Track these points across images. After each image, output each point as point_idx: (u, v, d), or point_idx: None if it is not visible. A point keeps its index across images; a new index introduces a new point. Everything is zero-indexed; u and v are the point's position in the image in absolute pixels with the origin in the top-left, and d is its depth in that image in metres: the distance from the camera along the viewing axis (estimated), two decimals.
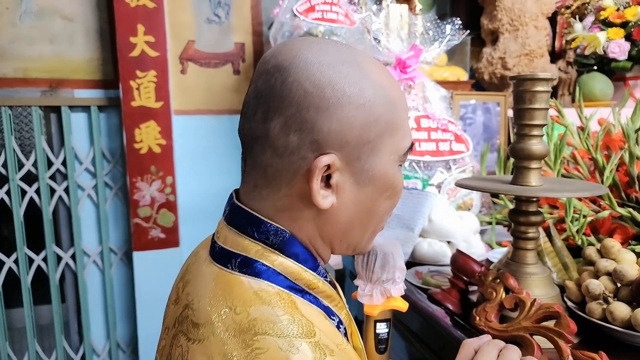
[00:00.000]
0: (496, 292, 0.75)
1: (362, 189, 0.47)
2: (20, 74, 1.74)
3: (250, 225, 0.48)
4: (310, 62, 0.44)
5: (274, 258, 0.46)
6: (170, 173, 1.80)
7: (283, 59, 0.45)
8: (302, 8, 1.49)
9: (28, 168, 1.77)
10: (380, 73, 0.47)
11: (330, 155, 0.44)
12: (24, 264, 1.78)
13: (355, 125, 0.44)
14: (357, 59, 0.46)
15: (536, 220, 0.77)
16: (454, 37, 1.30)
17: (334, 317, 0.49)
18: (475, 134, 1.55)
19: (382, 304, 0.64)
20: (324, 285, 0.49)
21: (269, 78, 0.45)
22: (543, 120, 0.74)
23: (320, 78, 0.43)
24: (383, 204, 0.50)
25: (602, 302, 0.72)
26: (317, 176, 0.44)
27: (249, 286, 0.44)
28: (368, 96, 0.45)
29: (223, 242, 0.49)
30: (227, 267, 0.47)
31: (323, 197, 0.45)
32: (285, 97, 0.44)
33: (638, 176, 1.00)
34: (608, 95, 1.73)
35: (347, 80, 0.44)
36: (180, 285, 0.53)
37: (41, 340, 1.94)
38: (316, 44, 0.47)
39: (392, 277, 0.63)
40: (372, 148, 0.46)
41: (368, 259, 0.63)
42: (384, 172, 0.48)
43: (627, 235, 0.95)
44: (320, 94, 0.43)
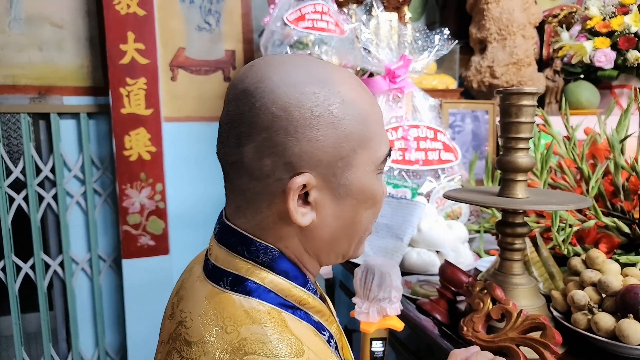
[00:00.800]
0: (483, 302, 0.75)
1: (341, 202, 0.48)
2: (9, 80, 1.72)
3: (240, 244, 0.48)
4: (276, 84, 0.44)
5: (264, 275, 0.47)
6: (160, 180, 1.79)
7: (250, 83, 0.46)
8: (292, 17, 1.50)
9: (16, 175, 1.76)
10: (349, 88, 0.47)
11: (304, 175, 0.44)
12: (11, 272, 1.76)
13: (326, 143, 0.44)
14: (325, 76, 0.46)
15: (522, 232, 0.78)
16: (442, 47, 1.32)
17: (325, 332, 0.50)
18: (464, 142, 1.56)
19: (378, 322, 0.65)
20: (314, 300, 0.50)
21: (238, 103, 0.46)
22: (529, 133, 0.76)
23: (287, 100, 0.43)
24: (365, 214, 0.51)
25: (587, 312, 0.73)
26: (293, 196, 0.45)
27: (239, 305, 0.45)
28: (337, 114, 0.45)
29: (215, 260, 0.50)
30: (220, 285, 0.47)
31: (302, 214, 0.46)
32: (255, 123, 0.44)
33: (623, 186, 1.02)
34: (594, 103, 1.76)
35: (314, 100, 0.44)
36: (175, 301, 0.53)
37: (29, 348, 1.92)
38: (281, 65, 0.46)
39: (388, 296, 0.65)
40: (346, 163, 0.46)
41: (366, 278, 0.65)
42: (361, 184, 0.48)
43: (613, 245, 0.96)
44: (288, 116, 0.43)
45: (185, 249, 1.95)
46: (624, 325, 0.67)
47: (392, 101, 1.31)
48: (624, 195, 1.01)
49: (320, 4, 1.53)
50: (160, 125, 1.76)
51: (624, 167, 1.01)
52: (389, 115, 1.31)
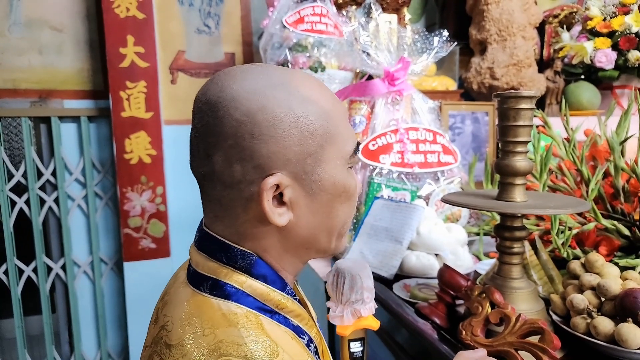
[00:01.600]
0: (482, 306, 0.75)
1: (315, 199, 0.49)
2: (9, 84, 1.73)
3: (219, 250, 0.50)
4: (237, 92, 0.46)
5: (242, 280, 0.48)
6: (161, 183, 1.79)
7: (211, 94, 0.47)
8: (291, 19, 1.50)
9: (18, 179, 1.76)
10: (308, 87, 0.48)
11: (275, 175, 0.46)
12: (13, 275, 1.77)
13: (292, 142, 0.46)
14: (284, 79, 0.48)
15: (521, 236, 0.78)
16: (442, 49, 1.31)
17: (304, 336, 0.51)
18: (464, 144, 1.56)
19: (353, 324, 0.66)
20: (292, 304, 0.51)
21: (203, 116, 0.47)
22: (527, 137, 0.75)
23: (249, 105, 0.45)
24: (341, 208, 0.52)
25: (586, 316, 0.73)
26: (267, 197, 0.46)
27: (218, 308, 0.46)
28: (299, 112, 0.46)
29: (195, 266, 0.51)
30: (200, 290, 0.49)
31: (279, 215, 0.47)
32: (220, 132, 0.45)
33: (623, 188, 1.01)
34: (595, 104, 1.75)
35: (275, 102, 0.45)
36: (160, 306, 0.55)
37: (32, 350, 1.93)
38: (240, 74, 0.48)
39: (360, 297, 0.65)
40: (315, 159, 0.47)
41: (337, 281, 0.66)
42: (333, 179, 0.49)
43: (613, 247, 0.96)
44: (252, 120, 0.45)
45: (186, 252, 1.93)
46: (623, 330, 0.66)
47: (390, 104, 1.31)
48: (624, 198, 1.01)
49: (319, 6, 1.53)
50: (160, 129, 1.77)
51: (624, 169, 1.01)
52: (387, 118, 1.30)
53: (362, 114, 1.33)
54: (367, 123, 1.32)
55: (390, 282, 1.01)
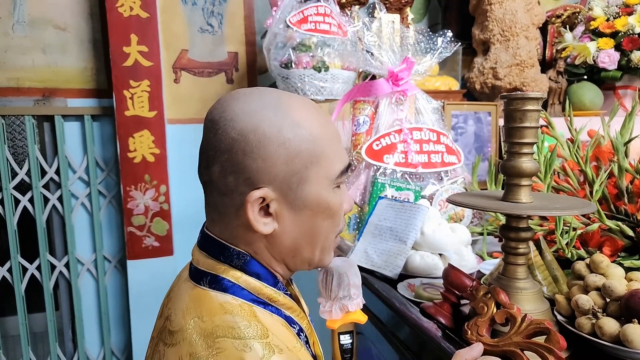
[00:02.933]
0: (487, 306, 0.76)
1: (299, 213, 0.54)
2: (13, 83, 1.73)
3: (217, 249, 0.56)
4: (236, 112, 0.52)
5: (238, 275, 0.54)
6: (164, 182, 1.80)
7: (215, 114, 0.54)
8: (295, 19, 1.50)
9: (21, 177, 1.77)
10: (300, 112, 0.53)
11: (262, 189, 0.51)
12: (17, 273, 1.78)
13: (279, 161, 0.51)
14: (279, 102, 0.53)
15: (526, 236, 0.78)
16: (445, 49, 1.32)
17: (295, 326, 0.57)
18: (467, 144, 1.56)
19: (341, 318, 0.71)
20: (284, 299, 0.57)
21: (206, 132, 0.54)
22: (533, 138, 0.76)
23: (244, 126, 0.51)
24: (324, 224, 0.57)
25: (592, 317, 0.73)
26: (252, 208, 0.51)
27: (215, 299, 0.52)
28: (287, 135, 0.51)
29: (196, 264, 0.57)
30: (200, 284, 0.54)
31: (264, 224, 0.53)
32: (218, 147, 0.52)
33: (627, 189, 1.02)
34: (598, 104, 1.75)
35: (267, 123, 0.51)
36: (165, 302, 0.61)
37: (35, 348, 1.93)
38: (242, 96, 0.54)
39: (348, 293, 0.70)
40: (300, 178, 0.53)
41: (326, 279, 0.71)
42: (316, 197, 0.54)
43: (616, 248, 0.96)
44: (244, 139, 0.50)
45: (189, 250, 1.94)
46: (628, 330, 0.67)
47: (394, 104, 1.32)
48: (628, 198, 1.01)
49: (323, 6, 1.53)
50: (164, 127, 1.77)
51: (628, 169, 1.01)
52: (391, 118, 1.31)
53: (366, 114, 1.33)
54: (371, 123, 1.33)
55: (394, 282, 1.02)
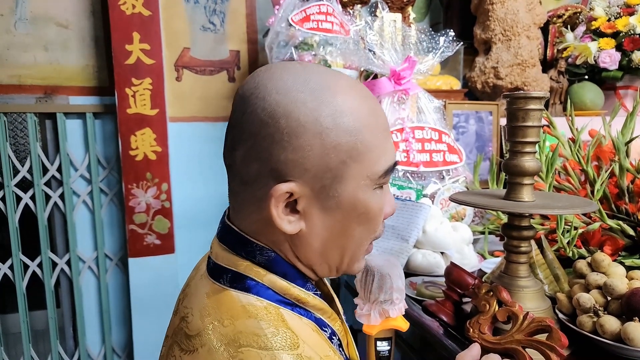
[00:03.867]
0: (489, 304, 0.76)
1: (331, 215, 0.47)
2: (15, 80, 1.73)
3: (239, 243, 0.49)
4: (269, 91, 0.44)
5: (262, 273, 0.48)
6: (166, 180, 1.80)
7: (247, 89, 0.46)
8: (297, 17, 1.50)
9: (23, 174, 1.77)
10: (347, 97, 0.45)
11: (289, 183, 0.44)
12: (19, 270, 1.78)
13: (312, 154, 0.44)
14: (322, 84, 0.45)
15: (528, 235, 0.78)
16: (447, 48, 1.32)
17: (326, 329, 0.50)
18: (468, 143, 1.57)
19: (380, 323, 0.63)
20: (314, 299, 0.50)
21: (235, 110, 0.47)
22: (536, 137, 0.76)
23: (276, 108, 0.43)
24: (357, 229, 0.49)
25: (593, 315, 0.74)
26: (276, 203, 0.44)
27: (237, 300, 0.46)
28: (325, 124, 0.44)
29: (215, 258, 0.51)
30: (220, 282, 0.49)
31: (288, 222, 0.46)
32: (245, 129, 0.45)
33: (628, 188, 1.02)
34: (598, 104, 1.76)
35: (303, 109, 0.43)
36: (181, 298, 0.55)
37: (36, 345, 1.94)
38: (279, 72, 0.46)
39: (389, 298, 0.62)
40: (335, 175, 0.45)
41: (366, 279, 0.63)
42: (353, 198, 0.46)
43: (617, 247, 0.97)
44: (275, 124, 0.43)
45: (190, 248, 1.96)
46: (629, 328, 0.68)
47: (396, 103, 1.32)
48: (629, 198, 1.02)
49: (325, 5, 1.53)
50: (165, 125, 1.77)
51: (629, 169, 1.02)
52: (393, 117, 1.31)
53: None
54: None
55: None
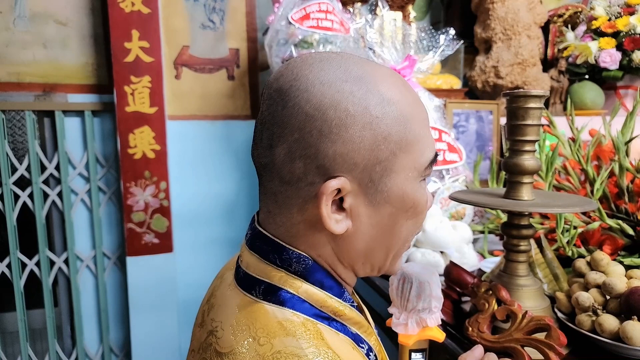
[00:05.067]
0: (488, 303, 0.76)
1: (378, 210, 0.45)
2: (13, 78, 1.73)
3: (272, 251, 0.46)
4: (311, 82, 0.42)
5: (298, 285, 0.45)
6: (164, 178, 1.80)
7: (284, 81, 0.44)
8: (297, 16, 1.50)
9: (21, 172, 1.76)
10: (389, 86, 0.43)
11: (339, 178, 0.42)
12: (16, 269, 1.77)
13: (362, 146, 0.41)
14: (365, 72, 0.43)
15: (528, 234, 0.78)
16: (448, 47, 1.32)
17: (363, 345, 0.48)
18: (468, 142, 1.56)
19: (417, 334, 0.61)
20: (350, 312, 0.47)
21: (272, 103, 0.44)
22: (536, 136, 0.76)
23: (322, 99, 0.41)
24: (405, 225, 0.47)
25: (592, 314, 0.74)
26: (326, 201, 0.42)
27: (273, 315, 0.43)
28: (375, 114, 0.42)
29: (246, 267, 0.47)
30: (252, 294, 0.45)
31: (336, 221, 0.43)
32: (287, 123, 0.42)
33: (627, 188, 1.02)
34: (599, 104, 1.75)
35: (351, 99, 0.41)
36: (205, 309, 0.52)
37: (34, 344, 1.93)
38: (318, 62, 0.44)
39: (428, 306, 0.60)
40: (385, 167, 0.43)
41: (403, 287, 0.61)
42: (401, 192, 0.45)
43: (617, 246, 0.97)
44: (322, 116, 0.41)
45: (188, 247, 1.96)
46: (628, 327, 0.67)
47: None
48: (629, 197, 1.01)
49: (325, 3, 1.53)
50: (164, 124, 1.77)
51: (629, 169, 1.01)
52: None
53: None
54: None
55: None
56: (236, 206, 2.04)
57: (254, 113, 2.00)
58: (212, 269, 2.02)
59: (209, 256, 2.01)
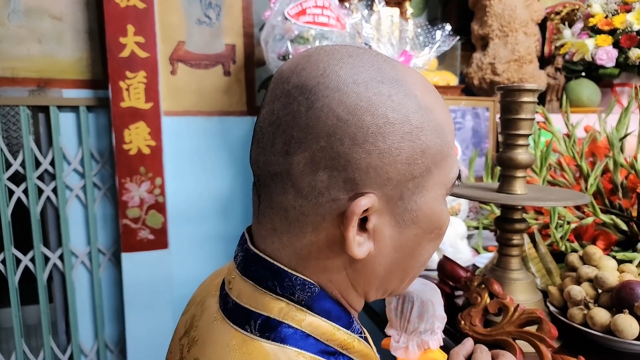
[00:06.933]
0: (481, 297, 0.76)
1: (404, 231, 0.39)
2: (8, 73, 1.72)
3: (272, 277, 0.40)
4: (344, 81, 0.36)
5: (301, 317, 0.39)
6: (160, 174, 1.79)
7: (307, 77, 0.37)
8: (293, 11, 1.49)
9: (16, 168, 1.76)
10: (425, 91, 0.39)
11: (369, 195, 0.36)
12: (11, 264, 1.77)
13: (399, 159, 0.36)
14: (399, 74, 0.38)
15: (521, 228, 0.78)
16: (444, 43, 1.31)
17: None
18: (464, 139, 1.56)
19: (419, 357, 0.57)
20: (359, 344, 0.42)
21: (291, 102, 0.37)
22: (529, 130, 0.76)
23: (357, 102, 0.35)
24: (427, 247, 0.42)
25: (583, 307, 0.74)
26: (354, 222, 0.36)
27: (275, 357, 0.37)
28: (415, 122, 0.36)
29: (237, 297, 0.41)
30: (245, 330, 0.39)
31: (358, 244, 0.37)
32: (312, 127, 0.35)
33: (622, 184, 1.02)
34: (595, 101, 1.75)
35: (390, 104, 0.36)
36: (184, 342, 0.44)
37: (29, 340, 1.93)
38: (348, 57, 0.38)
39: (430, 327, 0.55)
40: (417, 184, 0.38)
41: (403, 307, 0.56)
42: (430, 211, 0.40)
43: (610, 242, 0.97)
44: (357, 122, 0.35)
45: (184, 243, 1.96)
46: (619, 320, 0.67)
47: None
48: (623, 193, 1.01)
49: None
50: (159, 119, 1.76)
51: (623, 165, 1.01)
52: None
53: None
54: None
55: None
56: (232, 202, 2.03)
57: (250, 109, 1.99)
58: (208, 265, 2.01)
59: (205, 252, 2.01)
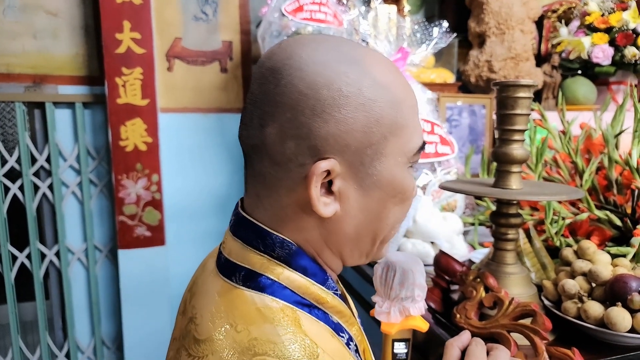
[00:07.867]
0: (476, 290, 0.76)
1: (367, 195, 0.44)
2: (3, 69, 1.71)
3: (256, 237, 0.46)
4: (305, 61, 0.42)
5: (279, 271, 0.44)
6: (156, 171, 1.79)
7: (277, 60, 0.43)
8: (290, 8, 1.49)
9: (11, 164, 1.75)
10: (383, 70, 0.44)
11: (329, 160, 0.41)
12: (7, 261, 1.76)
13: (355, 127, 0.41)
14: (358, 55, 0.43)
15: (516, 222, 0.79)
16: (441, 40, 1.32)
17: (343, 334, 0.47)
18: (461, 136, 1.57)
19: (400, 322, 0.60)
20: (333, 299, 0.47)
21: (264, 82, 0.43)
22: (524, 125, 0.76)
23: (316, 78, 0.41)
24: (393, 210, 0.47)
25: (577, 301, 0.75)
26: (316, 183, 0.41)
27: (252, 302, 0.42)
28: (368, 95, 0.42)
29: (228, 254, 0.47)
30: (232, 280, 0.45)
31: (324, 204, 0.43)
32: (279, 101, 0.41)
33: (616, 180, 1.03)
34: (591, 99, 1.76)
35: (345, 79, 0.41)
36: (187, 297, 0.52)
37: (25, 336, 1.92)
38: (312, 42, 0.44)
39: (411, 295, 0.59)
40: (375, 151, 0.43)
41: (387, 275, 0.60)
42: (391, 176, 0.45)
43: (605, 237, 0.98)
44: (315, 95, 0.40)
45: (181, 240, 1.95)
46: (612, 313, 0.68)
47: None
48: (617, 189, 1.02)
49: None
50: (156, 116, 1.76)
51: (618, 161, 1.02)
52: None
53: None
54: None
55: None
56: (228, 199, 2.03)
57: None
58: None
59: (201, 249, 2.01)
